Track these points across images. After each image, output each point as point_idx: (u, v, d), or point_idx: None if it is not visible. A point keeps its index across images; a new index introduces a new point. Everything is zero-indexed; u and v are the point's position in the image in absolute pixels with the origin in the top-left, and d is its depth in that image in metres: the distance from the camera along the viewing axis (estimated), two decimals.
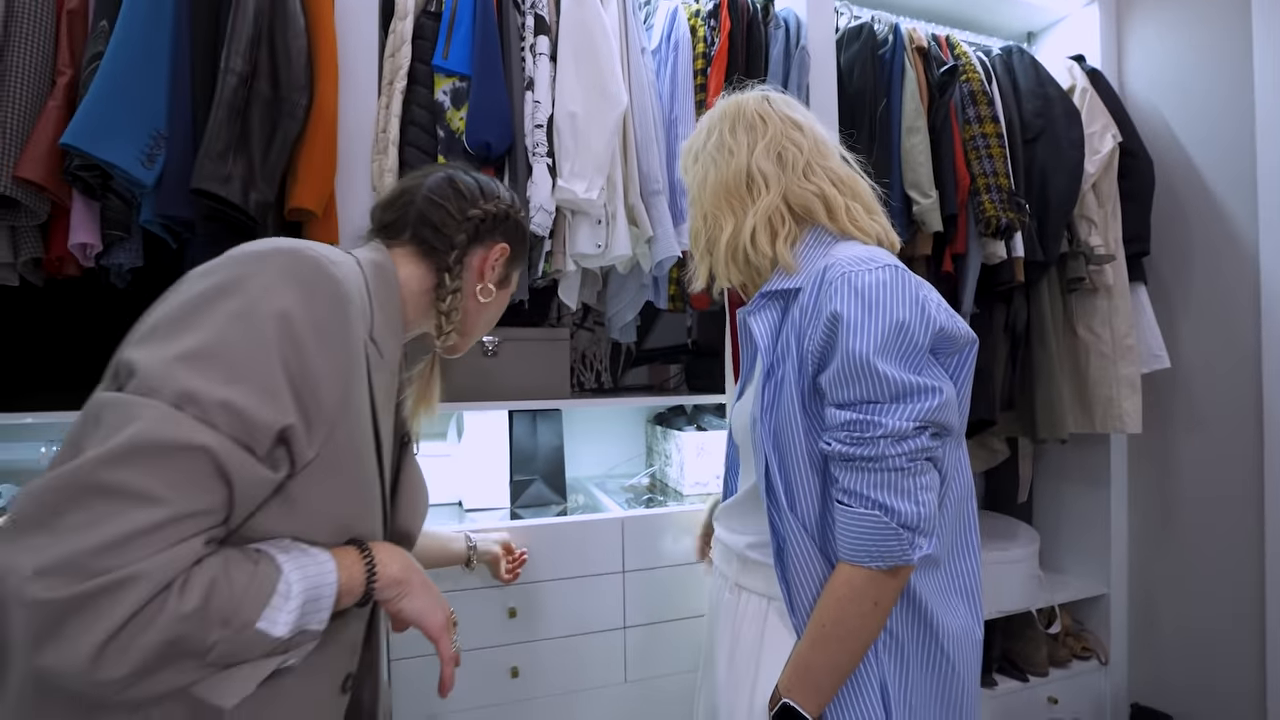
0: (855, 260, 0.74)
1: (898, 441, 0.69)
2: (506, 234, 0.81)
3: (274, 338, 0.52)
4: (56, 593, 0.42)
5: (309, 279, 0.55)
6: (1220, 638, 1.71)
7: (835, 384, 0.72)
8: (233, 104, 1.08)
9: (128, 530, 0.44)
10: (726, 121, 0.87)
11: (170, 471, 0.46)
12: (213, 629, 0.47)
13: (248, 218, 1.08)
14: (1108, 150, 1.71)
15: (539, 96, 1.26)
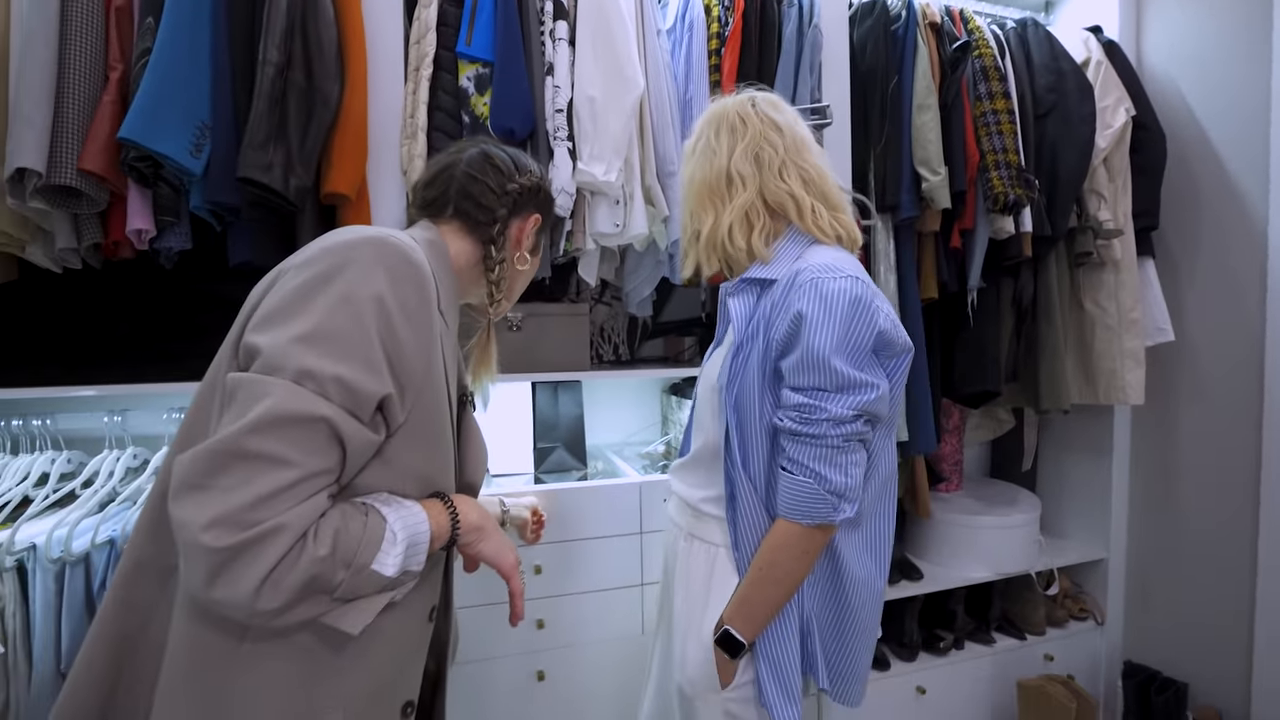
0: (824, 267, 0.86)
1: (837, 424, 0.83)
2: (539, 205, 0.88)
3: (371, 319, 0.60)
4: (223, 541, 0.51)
5: (395, 265, 0.63)
6: (1212, 600, 1.78)
7: (794, 371, 0.85)
8: (271, 95, 1.15)
9: (271, 488, 0.53)
10: (711, 126, 0.97)
11: (298, 438, 0.55)
12: (339, 570, 0.56)
13: (288, 203, 1.16)
14: (1120, 124, 1.72)
15: (559, 81, 1.30)
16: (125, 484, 1.38)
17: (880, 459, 0.93)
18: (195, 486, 0.53)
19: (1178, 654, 1.86)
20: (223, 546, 0.51)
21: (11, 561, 1.16)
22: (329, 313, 0.58)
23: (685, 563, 1.03)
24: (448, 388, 0.71)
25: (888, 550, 0.97)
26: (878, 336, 0.84)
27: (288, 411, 0.54)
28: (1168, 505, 1.88)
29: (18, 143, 1.00)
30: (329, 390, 0.56)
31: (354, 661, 0.64)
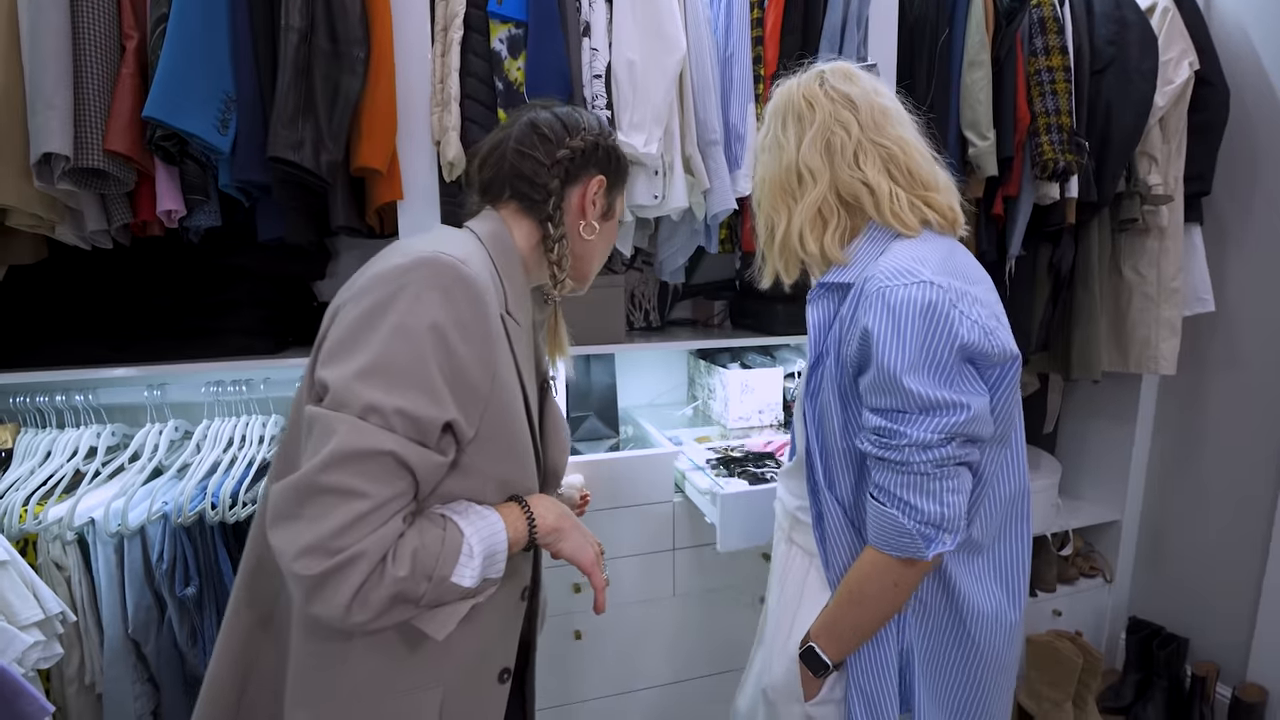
0: (894, 273, 0.75)
1: (923, 450, 0.73)
2: (599, 164, 0.80)
3: (429, 347, 0.60)
4: (312, 569, 0.56)
5: (448, 285, 0.62)
6: (1220, 565, 1.84)
7: (869, 391, 0.77)
8: (296, 63, 1.08)
9: (348, 519, 0.56)
10: (777, 117, 0.87)
11: (368, 471, 0.58)
12: (420, 584, 0.60)
13: (320, 180, 1.12)
14: (1181, 80, 1.62)
15: (596, 44, 1.22)
16: (171, 456, 1.41)
17: (999, 478, 0.82)
18: (285, 517, 0.57)
19: (1182, 612, 1.93)
20: (312, 574, 0.56)
21: (72, 535, 1.20)
22: (386, 345, 0.60)
23: (783, 566, 1.00)
24: (522, 388, 0.71)
25: (1021, 578, 0.86)
26: (961, 349, 0.73)
27: (355, 448, 0.57)
28: (1187, 471, 1.90)
29: (42, 127, 0.96)
30: (393, 423, 0.59)
31: (453, 643, 0.69)
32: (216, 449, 1.40)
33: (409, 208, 1.26)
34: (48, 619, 1.08)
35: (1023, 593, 0.86)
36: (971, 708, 0.85)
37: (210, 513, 1.25)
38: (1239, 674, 1.80)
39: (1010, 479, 0.84)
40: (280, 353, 1.40)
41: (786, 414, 1.80)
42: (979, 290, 0.78)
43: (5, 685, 0.93)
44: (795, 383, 1.81)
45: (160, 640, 1.27)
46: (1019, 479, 0.85)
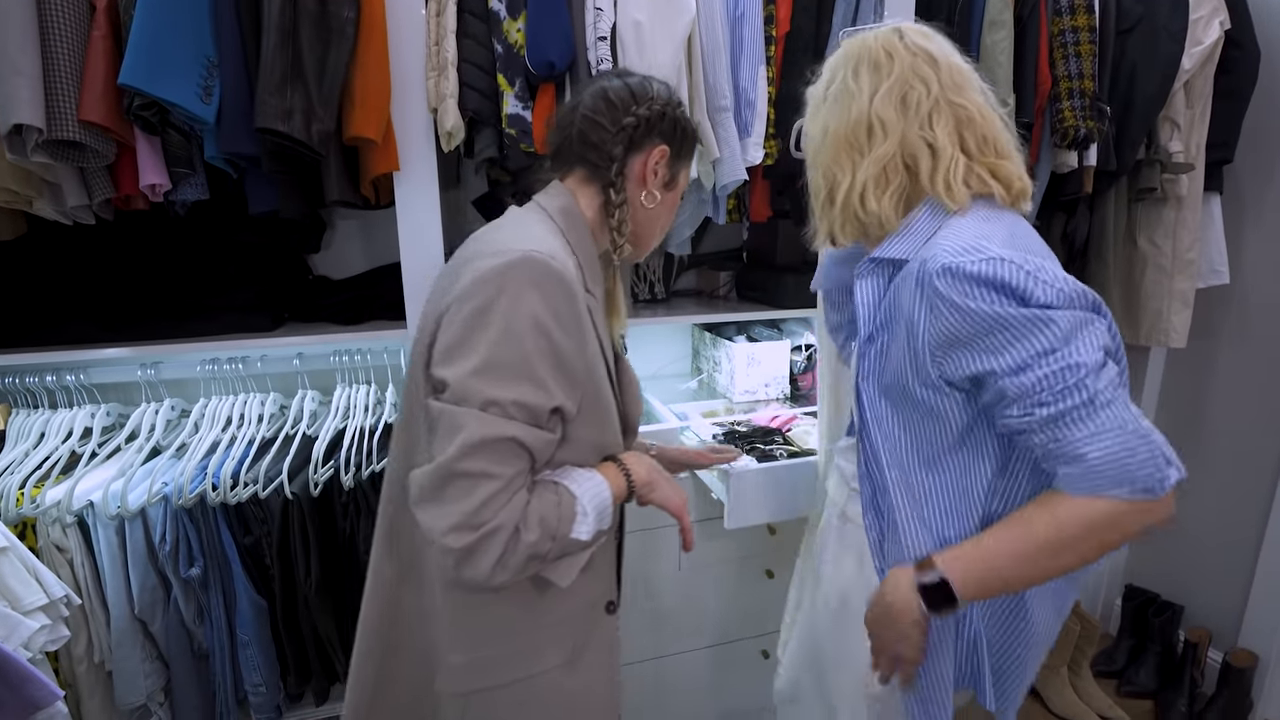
0: (960, 250, 0.68)
1: (1098, 373, 0.64)
2: (664, 133, 0.80)
3: (532, 343, 0.67)
4: (461, 542, 0.64)
5: (542, 280, 0.68)
6: (1217, 535, 1.86)
7: (996, 350, 0.66)
8: (281, 25, 1.02)
9: (485, 497, 0.65)
10: (848, 63, 0.79)
11: (496, 455, 0.66)
12: (547, 543, 0.69)
13: (312, 151, 1.06)
14: (1211, 41, 1.55)
15: (600, 3, 1.15)
16: (168, 436, 1.38)
17: None
18: (430, 501, 0.66)
19: (1177, 580, 1.97)
20: (461, 547, 0.65)
21: (71, 518, 1.18)
22: (495, 345, 0.66)
23: (835, 547, 0.97)
24: (605, 359, 0.77)
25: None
26: None
27: (482, 437, 0.65)
28: (1190, 443, 1.90)
29: (10, 96, 0.90)
30: (511, 412, 0.66)
31: (572, 586, 0.79)
32: (215, 428, 1.38)
33: (406, 179, 1.21)
34: (52, 603, 1.07)
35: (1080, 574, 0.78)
36: (1011, 679, 0.82)
37: (211, 494, 1.23)
38: (1230, 640, 1.84)
39: None
40: (277, 329, 1.36)
41: (793, 387, 1.78)
42: (1051, 265, 0.70)
43: (11, 671, 0.93)
44: (801, 355, 1.79)
45: (167, 619, 1.28)
46: None
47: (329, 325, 1.40)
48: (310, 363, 1.47)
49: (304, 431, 1.42)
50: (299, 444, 1.38)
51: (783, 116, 1.40)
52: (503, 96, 1.15)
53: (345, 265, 1.59)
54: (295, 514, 1.29)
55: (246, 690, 1.33)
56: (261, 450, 1.36)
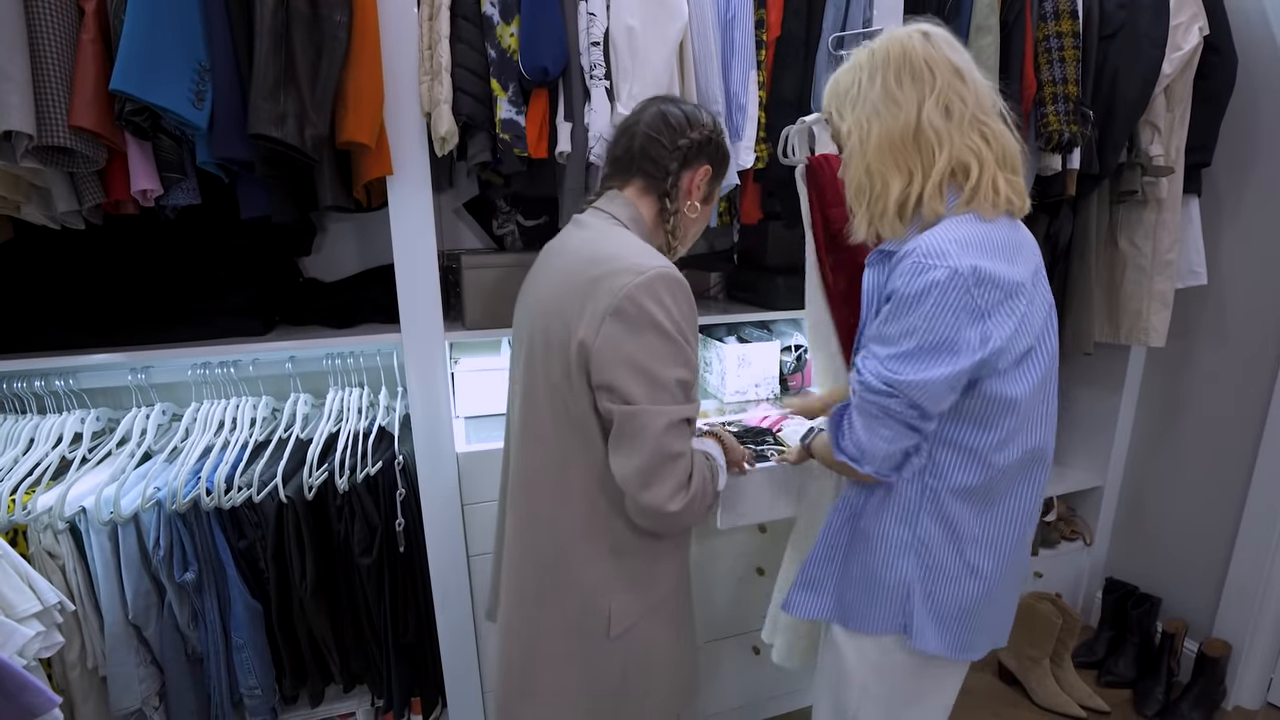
0: (929, 252, 0.78)
1: (870, 392, 0.84)
2: (709, 156, 0.94)
3: (678, 339, 0.81)
4: (681, 503, 0.82)
5: (674, 288, 0.81)
6: (1194, 529, 1.91)
7: (871, 336, 0.86)
8: (274, 29, 1.01)
9: (685, 469, 0.83)
10: (891, 68, 0.82)
11: (681, 434, 0.82)
12: (712, 496, 0.89)
13: (306, 157, 1.06)
14: (1190, 47, 1.58)
15: (593, 8, 1.15)
16: (160, 440, 1.38)
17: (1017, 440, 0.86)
18: (646, 486, 0.81)
19: (1156, 573, 2.02)
20: (681, 507, 0.82)
21: (63, 524, 1.18)
22: (655, 350, 0.79)
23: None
24: None
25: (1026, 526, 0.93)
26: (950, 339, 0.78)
27: (669, 421, 0.80)
28: (1169, 440, 1.95)
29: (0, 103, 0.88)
30: (678, 395, 0.81)
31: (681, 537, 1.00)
32: (208, 433, 1.37)
33: (399, 183, 1.21)
34: (46, 609, 1.07)
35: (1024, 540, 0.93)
36: (969, 619, 0.92)
37: (205, 499, 1.23)
38: (1205, 630, 1.89)
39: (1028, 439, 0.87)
40: (268, 333, 1.36)
41: (783, 387, 1.81)
42: (1017, 273, 0.79)
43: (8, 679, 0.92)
44: (791, 356, 1.81)
45: (161, 623, 1.27)
46: (1039, 439, 0.88)
47: (320, 328, 1.40)
48: (302, 365, 1.47)
49: (297, 435, 1.42)
50: (292, 447, 1.38)
51: (774, 120, 1.41)
52: (496, 101, 1.15)
53: (337, 267, 1.58)
54: (290, 517, 1.30)
55: (242, 693, 1.33)
56: (255, 454, 1.36)
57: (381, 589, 1.39)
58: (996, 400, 0.83)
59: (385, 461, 1.38)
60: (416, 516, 1.40)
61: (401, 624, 1.42)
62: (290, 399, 1.47)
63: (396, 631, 1.41)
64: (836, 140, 0.92)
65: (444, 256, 1.51)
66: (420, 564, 1.42)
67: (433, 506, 1.38)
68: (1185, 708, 1.80)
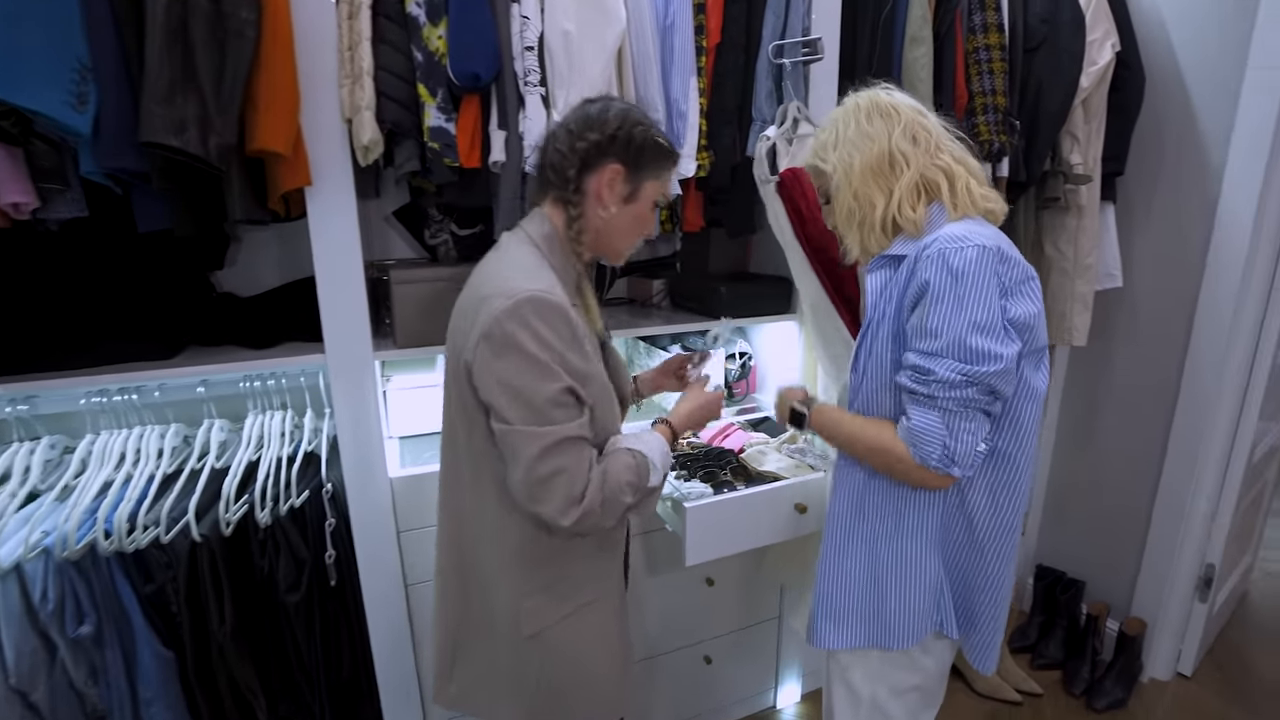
0: (952, 238, 0.84)
1: (949, 388, 0.83)
2: (617, 155, 0.89)
3: (542, 356, 0.80)
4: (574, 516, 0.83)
5: (542, 312, 0.80)
6: (1115, 515, 2.03)
7: (915, 334, 0.87)
8: (168, 25, 0.91)
9: (570, 483, 0.83)
10: (862, 113, 0.95)
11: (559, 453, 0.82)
12: (631, 495, 0.87)
13: (211, 168, 0.96)
14: (1105, 62, 1.66)
15: (527, 10, 1.10)
16: (49, 478, 1.24)
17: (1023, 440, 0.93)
18: (533, 500, 0.83)
19: (1080, 558, 2.13)
20: (572, 522, 0.83)
21: None
22: (521, 372, 0.80)
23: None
24: (600, 356, 0.93)
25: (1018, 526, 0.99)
26: (1004, 307, 0.83)
27: (541, 447, 0.81)
28: (1091, 433, 2.06)
29: None
30: (553, 416, 0.82)
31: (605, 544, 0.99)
32: (106, 467, 1.24)
33: (319, 193, 1.12)
34: None
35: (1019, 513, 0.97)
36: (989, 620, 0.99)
37: (103, 542, 1.11)
38: (1125, 610, 2.01)
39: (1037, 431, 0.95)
40: (175, 356, 1.23)
41: (729, 395, 1.80)
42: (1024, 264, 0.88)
43: None
44: (735, 364, 1.80)
45: (53, 683, 1.14)
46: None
47: (236, 349, 1.29)
48: (216, 389, 1.35)
49: (212, 465, 1.30)
50: (207, 479, 1.26)
51: (714, 128, 1.40)
52: (424, 108, 1.08)
53: (256, 280, 1.46)
54: (204, 556, 1.19)
55: None
56: (163, 488, 1.24)
57: (312, 627, 1.29)
58: (1025, 388, 0.88)
59: (312, 490, 1.28)
60: (348, 547, 1.31)
61: (335, 662, 1.33)
62: (204, 425, 1.34)
63: (330, 670, 1.32)
64: (823, 188, 1.01)
65: (373, 268, 1.42)
66: (354, 597, 1.33)
67: (365, 536, 1.30)
68: (1109, 684, 1.91)
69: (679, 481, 1.36)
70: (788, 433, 1.56)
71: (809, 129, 1.44)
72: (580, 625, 0.97)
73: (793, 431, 1.56)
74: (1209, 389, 1.76)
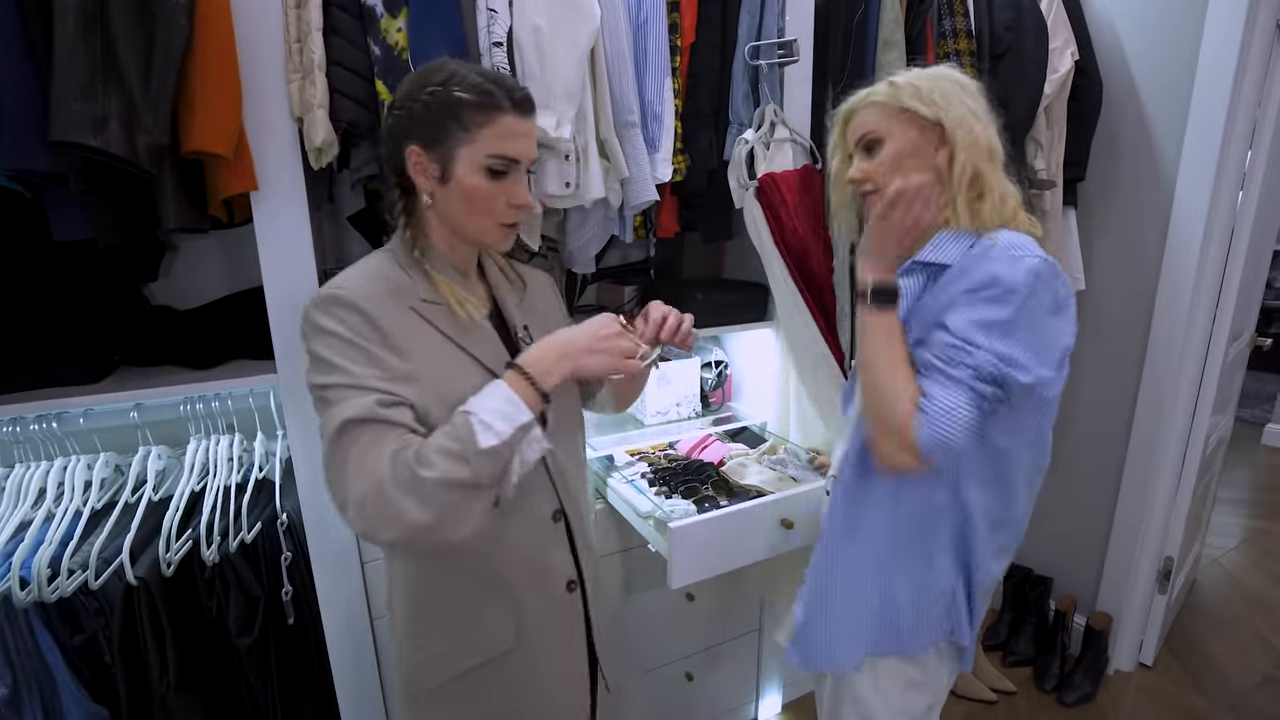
0: (1015, 244, 0.81)
1: (978, 377, 0.79)
2: (408, 133, 0.77)
3: (321, 351, 0.75)
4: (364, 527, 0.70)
5: (327, 306, 0.75)
6: (1079, 514, 2.07)
7: (960, 320, 0.80)
8: (81, 7, 0.81)
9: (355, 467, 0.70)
10: (968, 92, 0.89)
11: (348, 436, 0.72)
12: (459, 467, 0.69)
13: (141, 170, 0.86)
14: (1065, 70, 1.69)
15: (494, 4, 1.03)
16: None
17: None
18: (332, 499, 0.72)
19: (1048, 556, 2.18)
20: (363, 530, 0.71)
21: None
22: (312, 369, 0.75)
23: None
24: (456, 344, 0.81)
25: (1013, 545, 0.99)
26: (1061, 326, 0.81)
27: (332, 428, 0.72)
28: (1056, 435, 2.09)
29: None
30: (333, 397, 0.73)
31: (508, 559, 0.86)
32: (22, 505, 1.11)
33: (266, 198, 1.02)
34: None
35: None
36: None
37: (20, 593, 0.98)
38: (1091, 604, 2.06)
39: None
40: (101, 380, 1.11)
41: (704, 404, 1.76)
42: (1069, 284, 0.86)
43: None
44: (712, 373, 1.76)
45: None
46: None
47: (174, 369, 1.17)
48: (153, 413, 1.23)
49: (149, 497, 1.18)
50: (144, 512, 1.14)
51: (690, 131, 1.35)
52: (383, 106, 1.00)
53: (197, 291, 1.33)
54: (142, 600, 1.07)
55: None
56: (92, 525, 1.12)
57: (267, 670, 1.19)
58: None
59: (265, 521, 1.18)
60: (307, 581, 1.21)
61: (295, 708, 1.23)
62: (139, 453, 1.22)
63: (289, 717, 1.22)
64: (888, 132, 0.89)
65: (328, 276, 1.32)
66: (314, 636, 1.23)
67: (325, 568, 1.20)
68: (1078, 678, 1.94)
69: (659, 499, 1.31)
70: (767, 443, 1.53)
71: (785, 133, 1.42)
72: (462, 700, 0.87)
73: (771, 443, 1.53)
74: (1166, 386, 1.82)
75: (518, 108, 0.77)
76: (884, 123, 0.89)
